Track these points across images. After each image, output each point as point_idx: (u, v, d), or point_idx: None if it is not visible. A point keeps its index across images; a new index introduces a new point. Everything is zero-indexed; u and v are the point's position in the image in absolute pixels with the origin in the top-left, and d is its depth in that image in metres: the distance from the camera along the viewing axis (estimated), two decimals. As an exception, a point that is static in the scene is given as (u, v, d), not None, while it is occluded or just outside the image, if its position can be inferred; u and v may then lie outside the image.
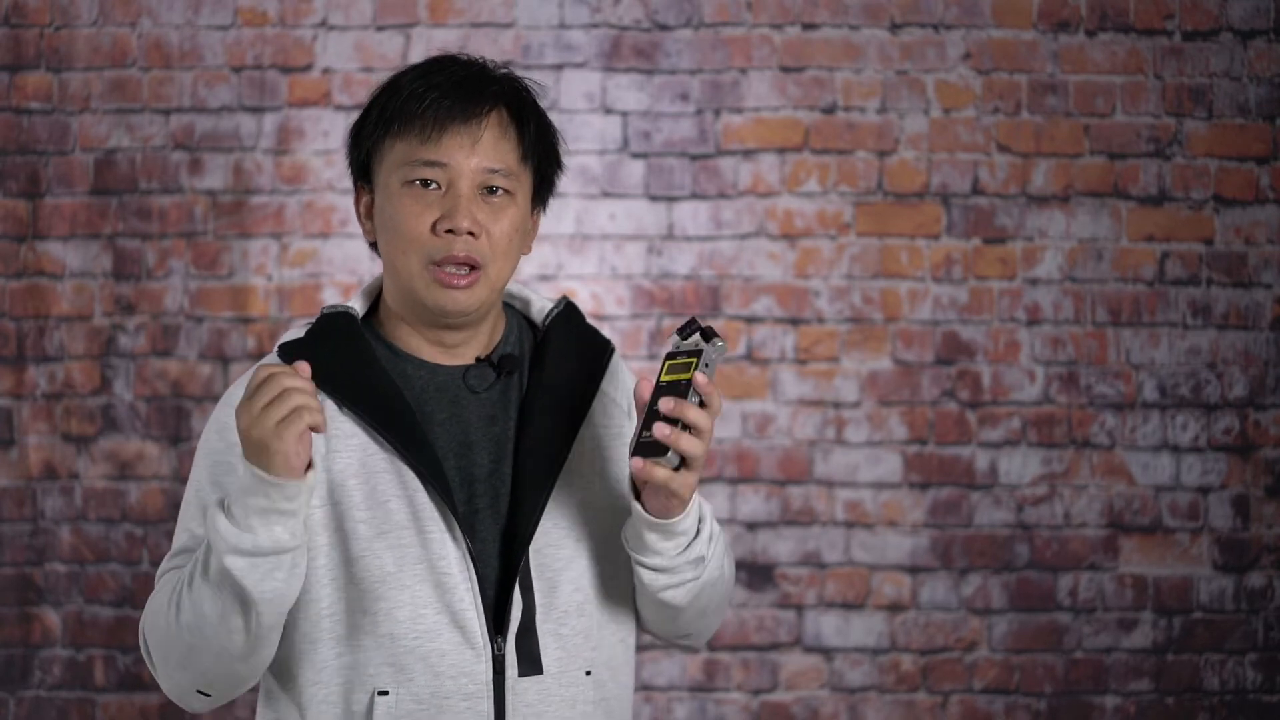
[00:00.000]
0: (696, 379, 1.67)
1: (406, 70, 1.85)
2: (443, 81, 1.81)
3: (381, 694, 1.74)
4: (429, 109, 1.79)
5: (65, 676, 3.38)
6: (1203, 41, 3.38)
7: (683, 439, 1.66)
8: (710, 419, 1.68)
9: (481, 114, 1.80)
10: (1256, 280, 3.37)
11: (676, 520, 1.74)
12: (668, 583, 1.79)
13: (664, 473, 1.67)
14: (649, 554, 1.77)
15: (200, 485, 1.80)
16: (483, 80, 1.83)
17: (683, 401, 1.67)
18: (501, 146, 1.82)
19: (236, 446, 1.76)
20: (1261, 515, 3.36)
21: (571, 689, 1.79)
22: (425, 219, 1.79)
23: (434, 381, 1.84)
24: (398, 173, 1.80)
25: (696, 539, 1.78)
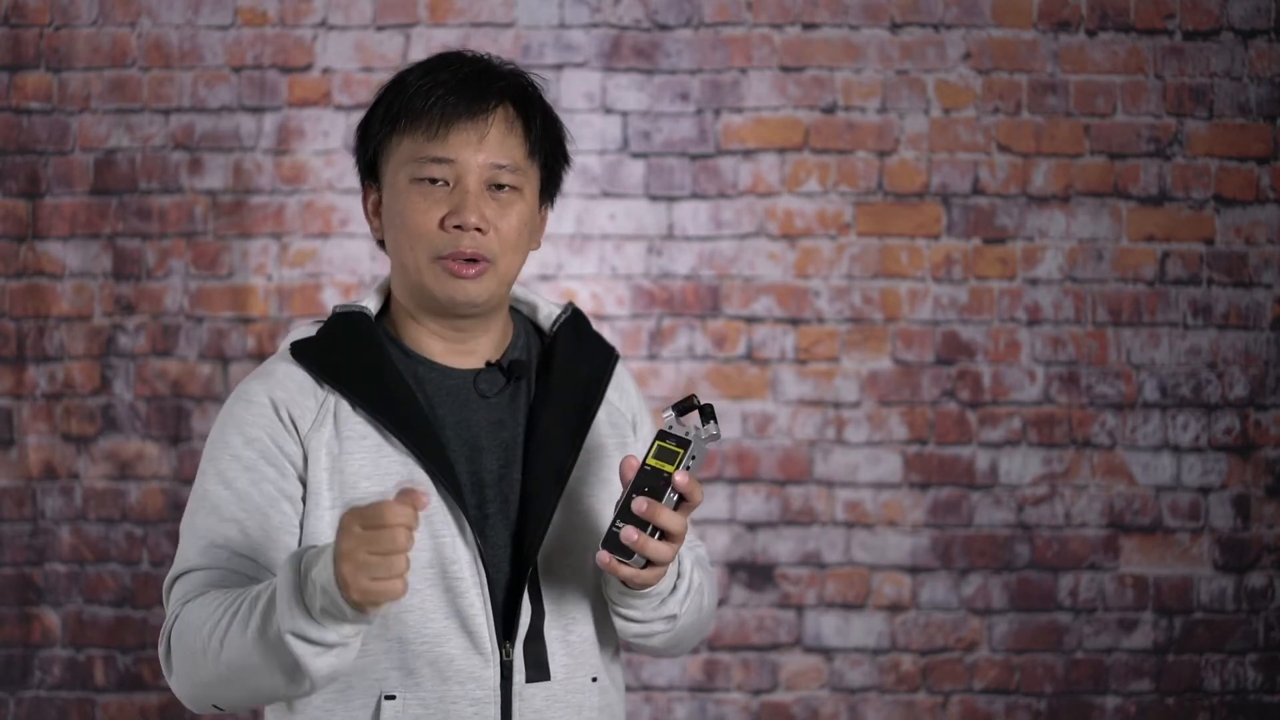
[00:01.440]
0: (676, 479, 1.66)
1: (412, 67, 1.86)
2: (449, 78, 1.81)
3: (389, 698, 1.74)
4: (435, 106, 1.79)
5: (65, 676, 3.38)
6: (1203, 41, 3.38)
7: (649, 545, 1.65)
8: (684, 522, 1.67)
9: (488, 110, 1.80)
10: (1257, 280, 3.37)
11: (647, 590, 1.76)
12: (640, 631, 1.82)
13: (629, 571, 1.68)
14: (622, 606, 1.79)
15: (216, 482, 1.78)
16: (488, 76, 1.83)
17: (656, 505, 1.65)
18: (508, 142, 1.82)
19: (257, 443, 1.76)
20: (1262, 515, 3.36)
21: (578, 695, 1.79)
22: (433, 215, 1.79)
23: (444, 384, 1.83)
24: (405, 169, 1.80)
25: (671, 596, 1.80)
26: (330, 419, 1.78)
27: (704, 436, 1.68)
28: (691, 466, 1.67)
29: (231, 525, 1.75)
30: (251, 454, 1.77)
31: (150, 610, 3.37)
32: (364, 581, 1.52)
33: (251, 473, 1.76)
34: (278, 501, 1.76)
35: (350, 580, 1.52)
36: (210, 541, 1.76)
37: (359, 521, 1.53)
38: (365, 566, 1.52)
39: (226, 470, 1.77)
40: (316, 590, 1.57)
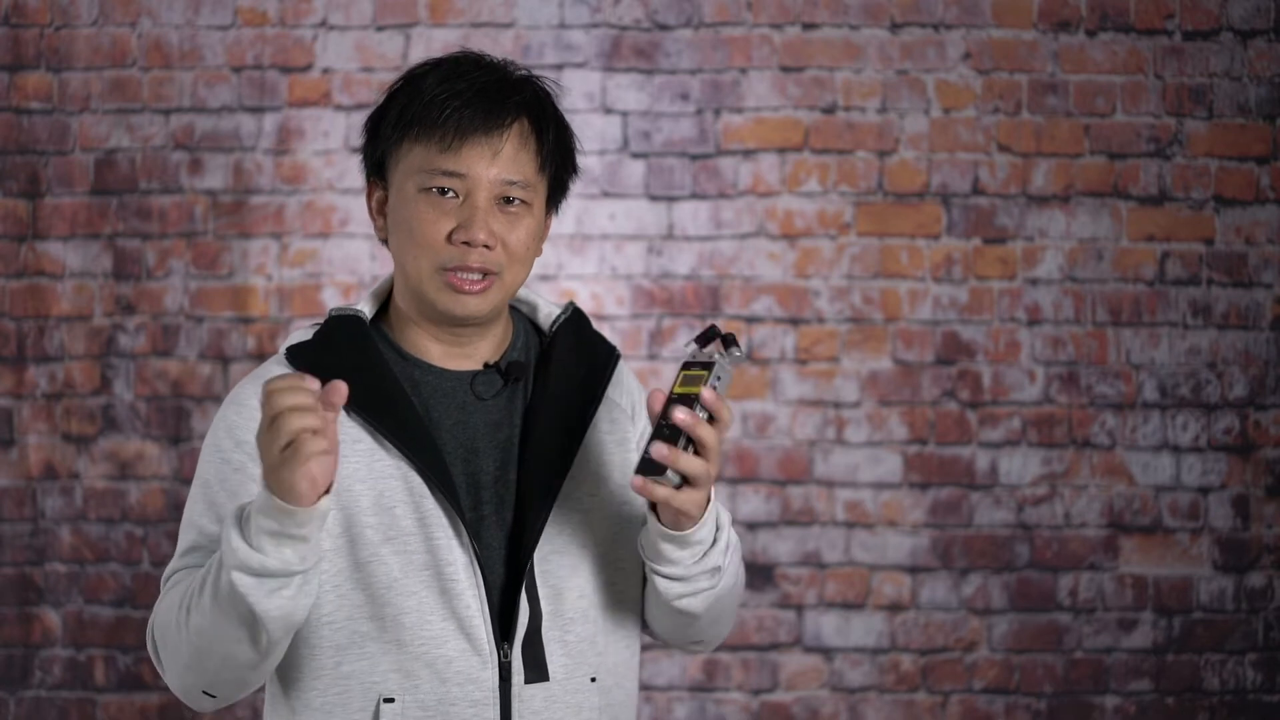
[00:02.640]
0: (704, 395, 1.65)
1: (428, 69, 1.83)
2: (465, 88, 1.78)
3: (388, 701, 1.74)
4: (451, 117, 1.77)
5: (65, 676, 3.38)
6: (1203, 41, 3.38)
7: (681, 458, 1.63)
8: (717, 435, 1.65)
9: (504, 125, 1.79)
10: (1256, 280, 3.37)
11: (691, 531, 1.72)
12: (683, 591, 1.78)
13: (664, 491, 1.65)
14: (664, 563, 1.75)
15: (207, 483, 1.79)
16: (505, 88, 1.80)
17: (691, 414, 1.64)
18: (521, 158, 1.80)
19: (246, 445, 1.76)
20: (1261, 515, 3.36)
21: (577, 695, 1.79)
22: (441, 227, 1.78)
23: (441, 387, 1.83)
24: (415, 178, 1.79)
25: (713, 548, 1.76)
26: None
27: (725, 359, 1.68)
28: (719, 386, 1.66)
29: (218, 525, 1.76)
30: (241, 456, 1.77)
31: (150, 610, 3.37)
32: (285, 474, 1.54)
33: (240, 474, 1.77)
34: None
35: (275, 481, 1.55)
36: (196, 543, 1.77)
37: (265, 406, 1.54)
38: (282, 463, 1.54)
39: (219, 473, 1.78)
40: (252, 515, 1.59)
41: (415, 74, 1.84)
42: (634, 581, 1.86)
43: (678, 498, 1.66)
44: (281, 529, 1.59)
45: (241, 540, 1.60)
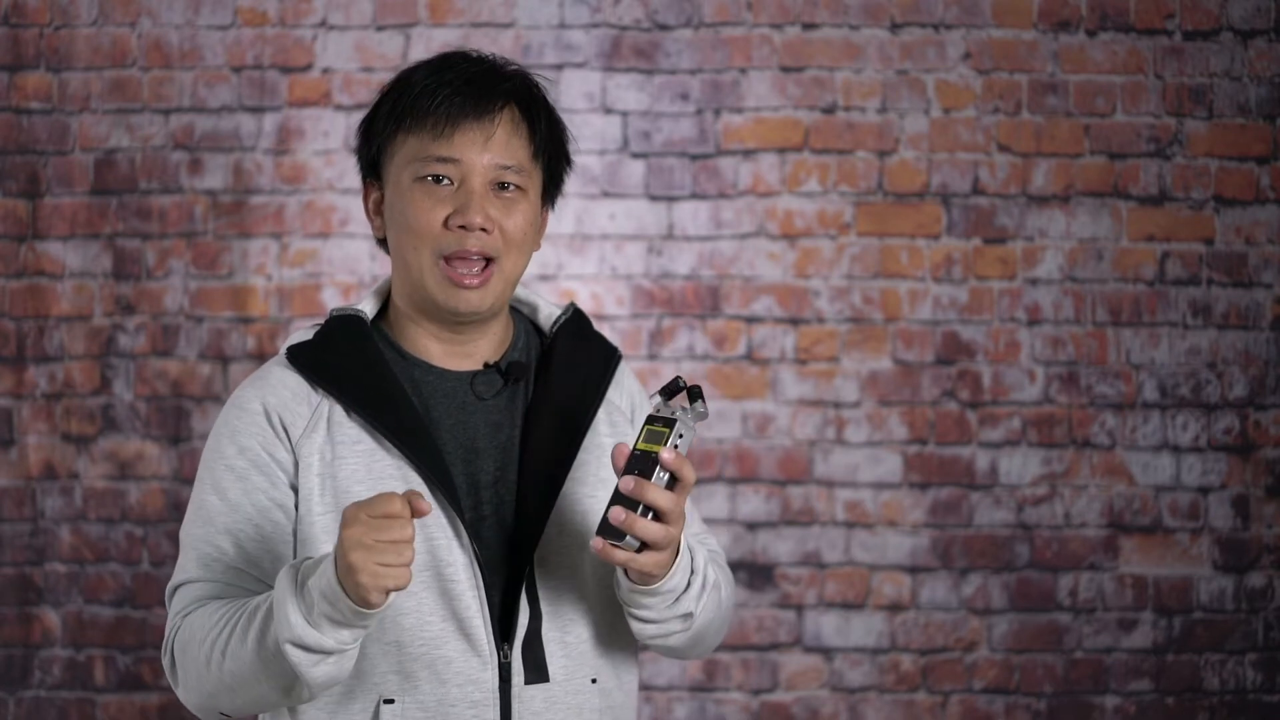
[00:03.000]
0: (663, 456, 1.64)
1: (417, 66, 1.85)
2: (454, 78, 1.80)
3: (388, 702, 1.74)
4: (441, 105, 1.78)
5: (65, 676, 3.38)
6: (1203, 41, 3.38)
7: (638, 524, 1.63)
8: (676, 500, 1.65)
9: (494, 110, 1.80)
10: (1256, 280, 3.37)
11: (658, 584, 1.73)
12: (656, 632, 1.80)
13: (623, 555, 1.66)
14: (636, 607, 1.77)
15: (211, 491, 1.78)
16: (494, 77, 1.82)
17: (644, 482, 1.63)
18: (514, 143, 1.81)
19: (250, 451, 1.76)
20: (1261, 515, 3.36)
21: (578, 697, 1.79)
22: (438, 214, 1.78)
23: (441, 387, 1.83)
24: (409, 169, 1.80)
25: (685, 594, 1.77)
26: (323, 424, 1.78)
27: (689, 414, 1.67)
28: (680, 445, 1.65)
29: (225, 536, 1.76)
30: (243, 463, 1.77)
31: (150, 610, 3.38)
32: (373, 566, 1.54)
33: (244, 482, 1.77)
34: (269, 511, 1.76)
35: (360, 566, 1.54)
36: (205, 553, 1.77)
37: (365, 510, 1.55)
38: (375, 551, 1.54)
39: (220, 479, 1.78)
40: (315, 597, 1.58)
41: (405, 73, 1.85)
42: None
43: (638, 560, 1.67)
44: (345, 620, 1.59)
45: (301, 617, 1.59)
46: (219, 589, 1.75)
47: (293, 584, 1.61)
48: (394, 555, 1.55)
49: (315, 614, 1.59)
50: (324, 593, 1.57)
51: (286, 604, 1.60)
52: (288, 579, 1.61)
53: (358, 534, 1.55)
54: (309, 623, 1.59)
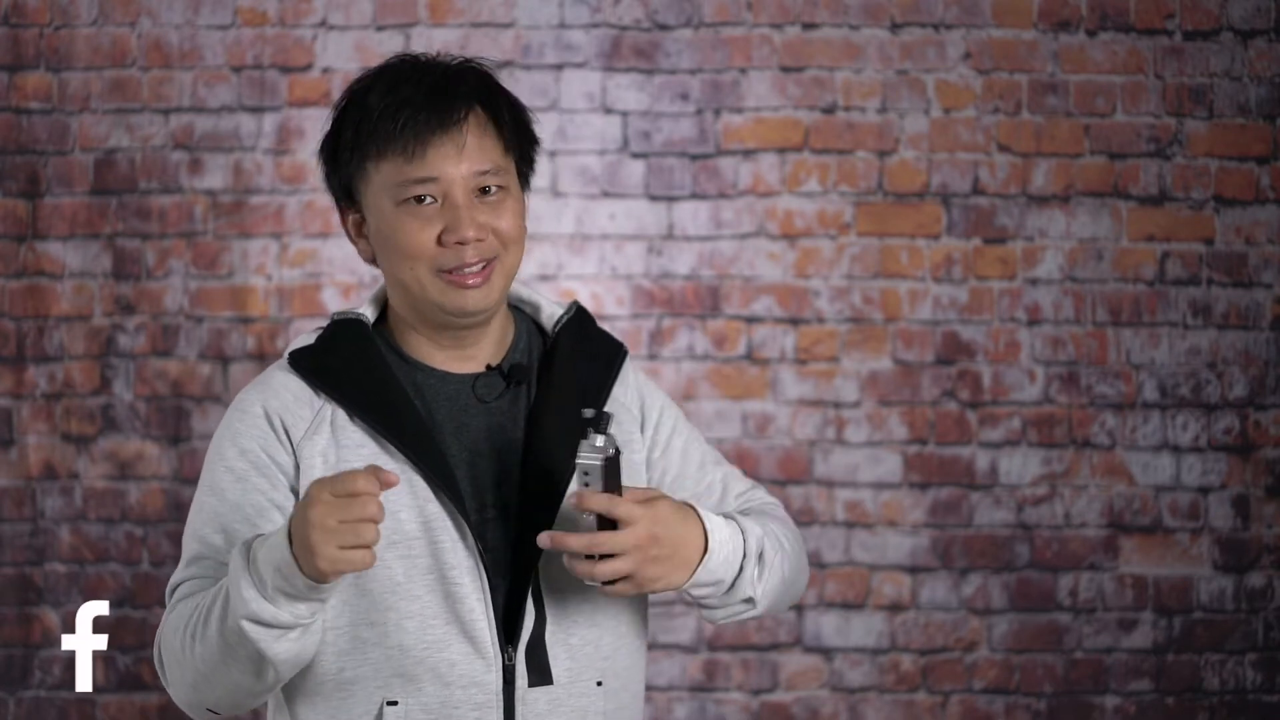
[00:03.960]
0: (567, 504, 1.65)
1: (366, 85, 1.79)
2: (412, 94, 1.75)
3: (391, 704, 1.74)
4: (406, 126, 1.74)
5: (65, 676, 3.38)
6: (1203, 41, 3.38)
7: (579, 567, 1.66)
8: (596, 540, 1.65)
9: (460, 119, 1.76)
10: (1256, 280, 3.37)
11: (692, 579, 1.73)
12: (724, 614, 1.81)
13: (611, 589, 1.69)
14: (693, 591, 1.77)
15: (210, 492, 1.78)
16: (450, 82, 1.78)
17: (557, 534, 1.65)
18: (485, 145, 1.79)
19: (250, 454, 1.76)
20: (1261, 515, 3.36)
21: (583, 699, 1.79)
22: (428, 233, 1.76)
23: (443, 390, 1.82)
24: (388, 194, 1.77)
25: (738, 580, 1.77)
26: (326, 427, 1.78)
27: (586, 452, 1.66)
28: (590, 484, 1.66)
29: (221, 536, 1.76)
30: (244, 464, 1.77)
31: (150, 610, 3.37)
32: (331, 550, 1.54)
33: (243, 483, 1.76)
34: (267, 511, 1.76)
35: (319, 548, 1.54)
36: (201, 553, 1.76)
37: (328, 489, 1.55)
38: (335, 533, 1.54)
39: (219, 481, 1.77)
40: (268, 572, 1.58)
41: (356, 92, 1.80)
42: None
43: (618, 589, 1.69)
44: (299, 594, 1.59)
45: (255, 592, 1.59)
46: (210, 585, 1.75)
47: (244, 560, 1.61)
48: (354, 536, 1.54)
49: (270, 589, 1.59)
50: (278, 567, 1.57)
51: (240, 581, 1.60)
52: (240, 556, 1.61)
53: (319, 514, 1.54)
54: (264, 597, 1.59)
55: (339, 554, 1.54)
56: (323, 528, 1.54)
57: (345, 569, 1.56)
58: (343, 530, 1.54)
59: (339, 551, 1.54)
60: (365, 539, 1.55)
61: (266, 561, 1.59)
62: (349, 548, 1.55)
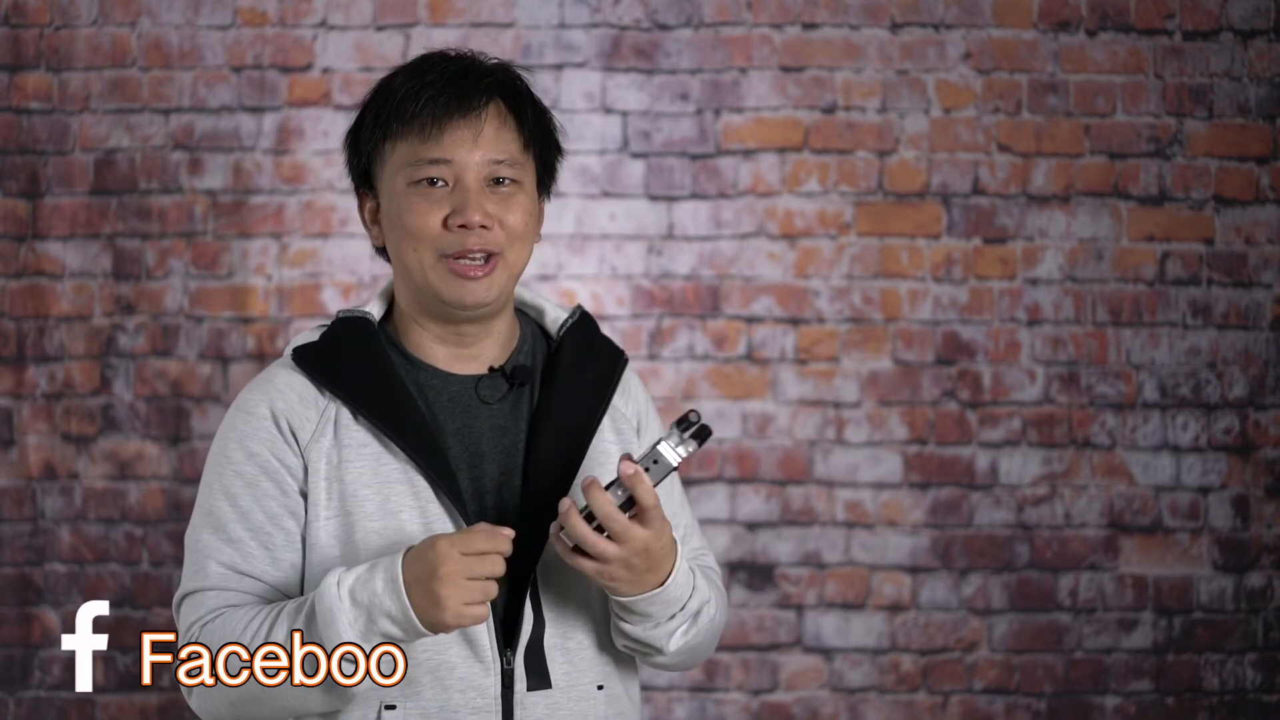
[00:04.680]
0: (621, 467, 1.65)
1: (396, 71, 1.84)
2: (436, 78, 1.79)
3: (389, 708, 1.74)
4: (426, 107, 1.77)
5: (65, 676, 3.38)
6: (1203, 41, 3.38)
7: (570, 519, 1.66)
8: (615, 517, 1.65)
9: (480, 106, 1.79)
10: (1256, 280, 3.37)
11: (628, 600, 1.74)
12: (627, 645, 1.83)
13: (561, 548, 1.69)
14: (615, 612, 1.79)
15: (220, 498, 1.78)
16: (476, 73, 1.81)
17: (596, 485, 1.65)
18: (503, 136, 1.80)
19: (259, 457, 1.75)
20: (1261, 515, 3.36)
21: (582, 703, 1.79)
22: (436, 215, 1.77)
23: (446, 391, 1.82)
24: (402, 174, 1.79)
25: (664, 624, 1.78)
26: (330, 428, 1.78)
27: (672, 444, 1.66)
28: (652, 469, 1.66)
29: (235, 545, 1.75)
30: (253, 469, 1.76)
31: (150, 610, 3.37)
32: (459, 605, 1.61)
33: (253, 489, 1.76)
34: (280, 518, 1.76)
35: (447, 603, 1.60)
36: (216, 561, 1.76)
37: (459, 548, 1.61)
38: (465, 591, 1.61)
39: (229, 486, 1.77)
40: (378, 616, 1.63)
41: (385, 79, 1.85)
42: None
43: (574, 559, 1.69)
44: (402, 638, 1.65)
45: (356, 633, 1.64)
46: (234, 598, 1.74)
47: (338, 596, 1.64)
48: (481, 593, 1.62)
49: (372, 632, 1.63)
50: (391, 616, 1.63)
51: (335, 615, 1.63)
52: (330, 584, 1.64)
53: (450, 571, 1.60)
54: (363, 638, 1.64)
55: (465, 609, 1.61)
56: (454, 584, 1.60)
57: (468, 624, 1.63)
58: (472, 589, 1.61)
59: (465, 607, 1.61)
60: (489, 594, 1.63)
61: (376, 608, 1.63)
62: (474, 604, 1.62)
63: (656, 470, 1.66)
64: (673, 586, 1.75)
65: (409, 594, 1.61)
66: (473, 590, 1.61)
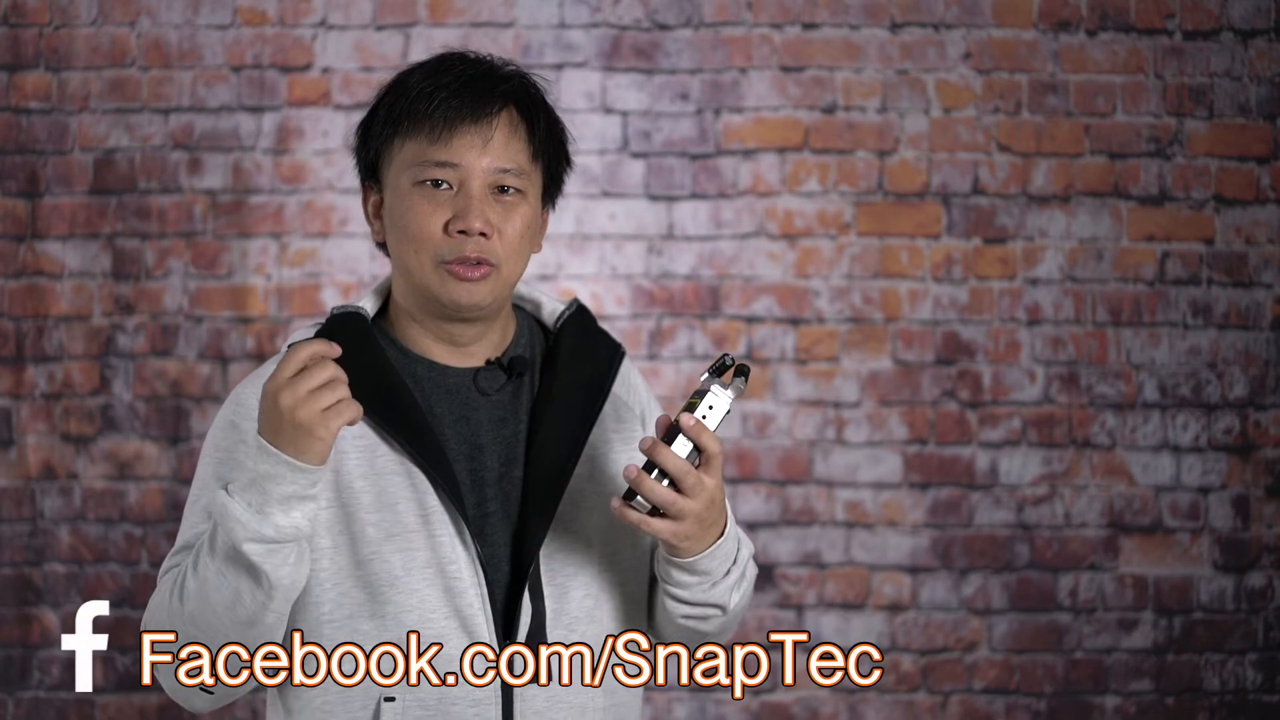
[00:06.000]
0: (682, 419, 1.64)
1: (414, 68, 1.84)
2: (451, 81, 1.79)
3: (388, 700, 1.73)
4: (439, 109, 1.77)
5: (64, 677, 3.38)
6: (1203, 41, 3.38)
7: (645, 483, 1.64)
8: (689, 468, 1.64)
9: (492, 113, 1.79)
10: (1256, 280, 3.37)
11: (692, 560, 1.73)
12: (688, 613, 1.81)
13: (635, 516, 1.66)
14: (671, 584, 1.78)
15: (206, 482, 1.79)
16: (492, 79, 1.81)
17: (659, 444, 1.63)
18: (513, 145, 1.80)
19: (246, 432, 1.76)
20: (1261, 515, 3.36)
21: (582, 696, 1.78)
22: (437, 219, 1.77)
23: (444, 383, 1.83)
24: (408, 173, 1.79)
25: (722, 581, 1.78)
26: None
27: (726, 387, 1.65)
28: (708, 417, 1.64)
29: None
30: (243, 452, 1.77)
31: (150, 610, 3.37)
32: (316, 414, 1.59)
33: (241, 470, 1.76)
34: None
35: (306, 422, 1.58)
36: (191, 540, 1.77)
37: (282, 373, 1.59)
38: (314, 399, 1.59)
39: (218, 471, 1.78)
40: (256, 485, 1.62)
41: (402, 75, 1.84)
42: (640, 581, 1.86)
43: (649, 524, 1.66)
44: (297, 490, 1.62)
45: (250, 513, 1.62)
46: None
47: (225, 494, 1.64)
48: (331, 394, 1.59)
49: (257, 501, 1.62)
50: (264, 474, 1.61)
51: (228, 506, 1.62)
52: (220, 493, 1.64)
53: (288, 399, 1.58)
54: (256, 512, 1.62)
55: (327, 415, 1.59)
56: (300, 404, 1.58)
57: (339, 423, 1.60)
58: (319, 395, 1.59)
59: (325, 413, 1.59)
60: (341, 393, 1.60)
61: (249, 482, 1.62)
62: (331, 407, 1.59)
63: (712, 416, 1.65)
64: (729, 537, 1.75)
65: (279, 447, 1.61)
66: (322, 396, 1.59)
